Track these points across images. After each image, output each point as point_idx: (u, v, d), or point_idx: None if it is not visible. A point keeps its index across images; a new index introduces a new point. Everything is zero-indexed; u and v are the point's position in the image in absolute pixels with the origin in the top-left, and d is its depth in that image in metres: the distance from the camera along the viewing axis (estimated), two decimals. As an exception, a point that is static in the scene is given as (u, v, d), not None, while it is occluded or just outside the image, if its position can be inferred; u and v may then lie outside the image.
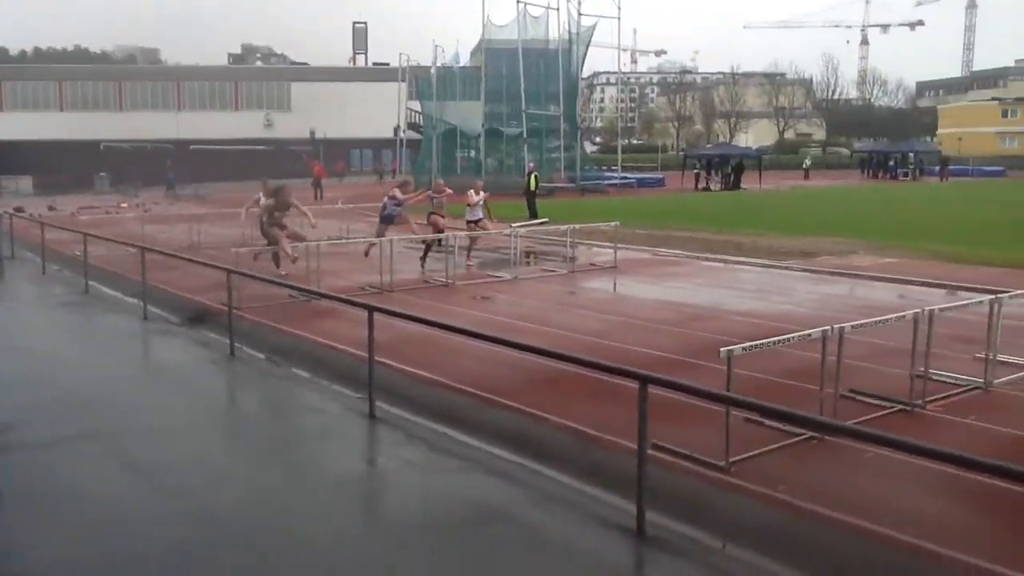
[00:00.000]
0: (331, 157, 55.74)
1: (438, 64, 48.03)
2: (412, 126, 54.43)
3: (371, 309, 7.43)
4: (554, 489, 5.76)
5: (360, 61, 73.95)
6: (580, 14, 44.52)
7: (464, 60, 50.57)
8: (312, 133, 58.65)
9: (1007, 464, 4.17)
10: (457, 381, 8.00)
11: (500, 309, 11.87)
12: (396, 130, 55.31)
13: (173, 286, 13.27)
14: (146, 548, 4.78)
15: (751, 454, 6.05)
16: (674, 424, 6.54)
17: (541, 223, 20.82)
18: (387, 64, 64.96)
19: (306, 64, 74.77)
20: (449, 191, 16.91)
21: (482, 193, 16.49)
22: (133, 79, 66.13)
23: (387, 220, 15.71)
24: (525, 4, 43.20)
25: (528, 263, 16.94)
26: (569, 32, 44.71)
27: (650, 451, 5.53)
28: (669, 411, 6.61)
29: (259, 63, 77.84)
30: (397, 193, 15.95)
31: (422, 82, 49.02)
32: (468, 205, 16.45)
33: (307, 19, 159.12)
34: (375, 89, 60.92)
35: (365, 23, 75.59)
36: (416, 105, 51.40)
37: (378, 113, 57.79)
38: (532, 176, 28.56)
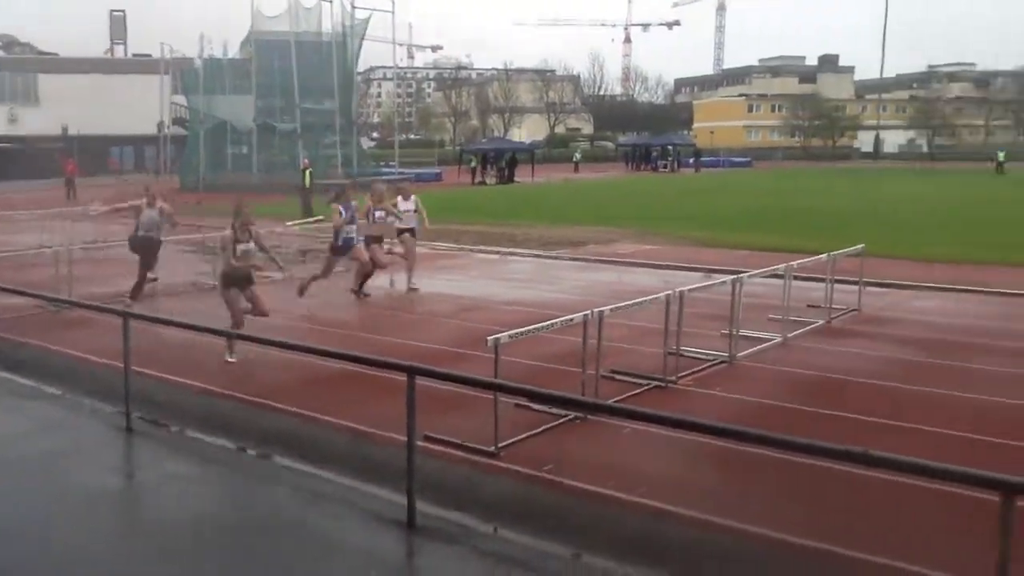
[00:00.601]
0: (88, 155, 51.69)
1: (204, 56, 45.89)
2: (178, 121, 51.67)
3: (126, 316, 6.99)
4: (326, 489, 5.68)
5: (119, 52, 69.08)
6: (354, 7, 43.98)
7: (233, 52, 48.55)
8: (64, 129, 54.15)
9: (743, 428, 4.59)
10: (224, 387, 7.70)
11: (272, 309, 11.51)
12: (160, 126, 52.29)
13: None
14: None
15: (520, 437, 6.26)
16: (447, 414, 6.65)
17: (317, 221, 20.40)
18: (149, 56, 61.22)
19: (56, 55, 68.89)
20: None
21: (413, 198, 13.36)
22: None
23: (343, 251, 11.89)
24: (297, -6, 42.18)
25: (303, 262, 16.54)
26: (343, 25, 44.05)
27: (422, 442, 5.61)
28: (442, 402, 6.71)
29: (0, 52, 70.80)
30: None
31: (187, 75, 46.65)
32: (395, 215, 12.93)
33: (57, 6, 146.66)
34: (136, 82, 57.11)
35: (123, 11, 70.69)
36: (182, 99, 48.81)
37: (140, 108, 54.19)
38: (307, 172, 27.96)
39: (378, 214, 12.43)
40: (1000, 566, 3.32)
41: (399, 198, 13.28)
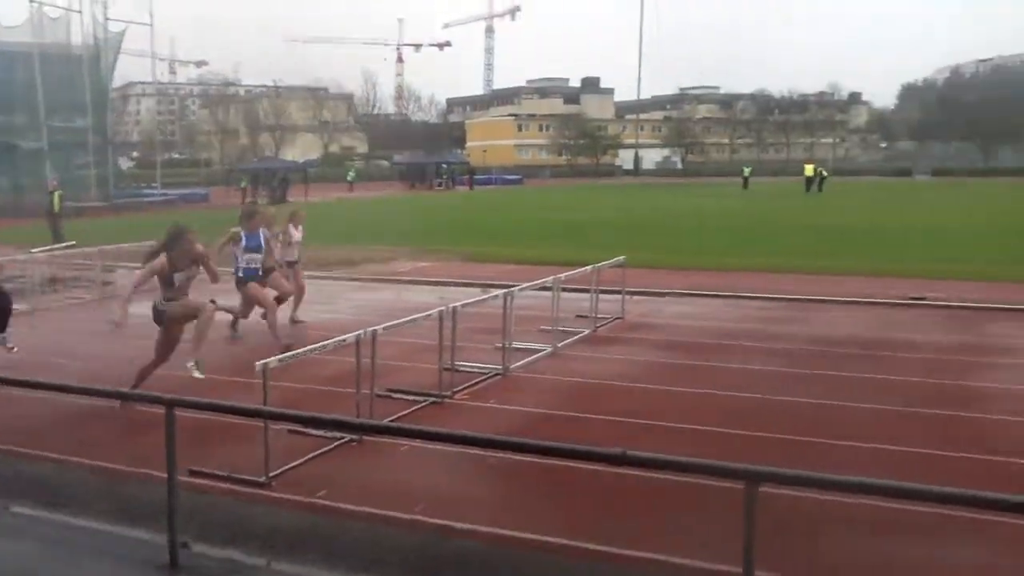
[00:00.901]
0: None
1: (-71, 67, 41.39)
2: None
3: None
4: (77, 537, 5.22)
5: None
6: (107, 18, 41.30)
7: (-35, 64, 44.08)
8: None
9: (513, 439, 4.68)
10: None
11: (17, 344, 10.51)
12: None
13: None
14: None
15: (293, 464, 6.06)
16: (216, 446, 6.35)
17: (67, 247, 18.89)
18: None
19: None
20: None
21: (301, 228, 11.87)
22: None
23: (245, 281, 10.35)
24: (40, 3, 38.95)
25: (54, 291, 15.27)
26: (95, 37, 41.23)
27: (186, 478, 5.31)
28: (211, 434, 6.41)
29: None
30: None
31: (-92, 88, 41.88)
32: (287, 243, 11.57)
33: None
34: None
35: None
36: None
37: None
38: (55, 195, 25.79)
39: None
40: (745, 549, 3.58)
41: (290, 225, 11.67)
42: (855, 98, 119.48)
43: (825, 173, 52.22)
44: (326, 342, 6.94)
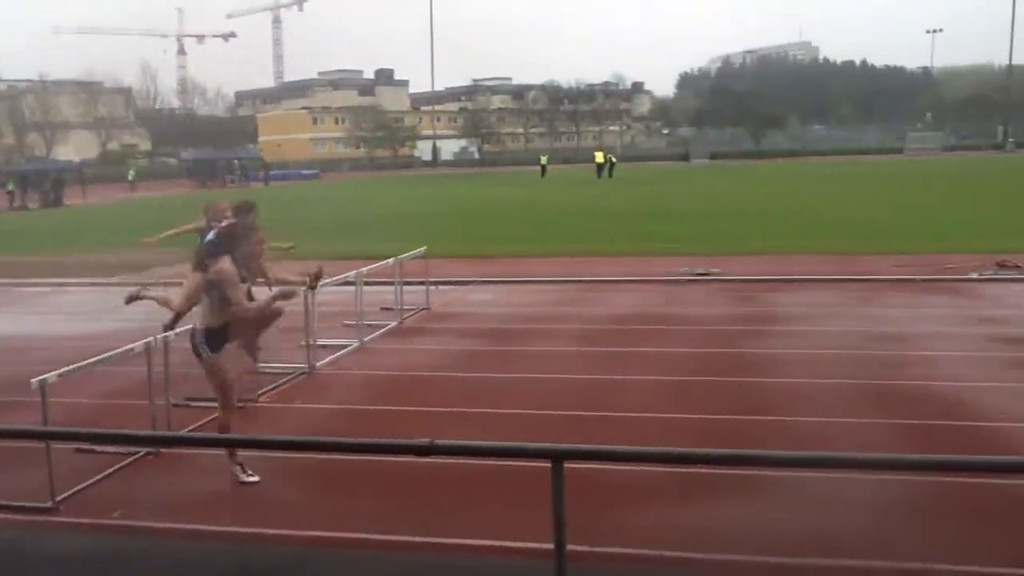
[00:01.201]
0: None
1: None
2: None
3: None
4: None
5: None
6: None
7: None
8: None
9: (315, 439, 4.60)
10: None
11: None
12: None
13: None
14: None
15: (84, 485, 5.68)
16: (-6, 473, 5.84)
17: None
18: None
19: None
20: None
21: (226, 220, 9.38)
22: None
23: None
24: None
25: None
26: None
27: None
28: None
29: None
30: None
31: None
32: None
33: None
34: None
35: None
36: None
37: None
38: None
39: None
40: (555, 528, 3.69)
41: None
42: (638, 87, 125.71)
43: (614, 159, 54.54)
44: (111, 352, 6.53)
